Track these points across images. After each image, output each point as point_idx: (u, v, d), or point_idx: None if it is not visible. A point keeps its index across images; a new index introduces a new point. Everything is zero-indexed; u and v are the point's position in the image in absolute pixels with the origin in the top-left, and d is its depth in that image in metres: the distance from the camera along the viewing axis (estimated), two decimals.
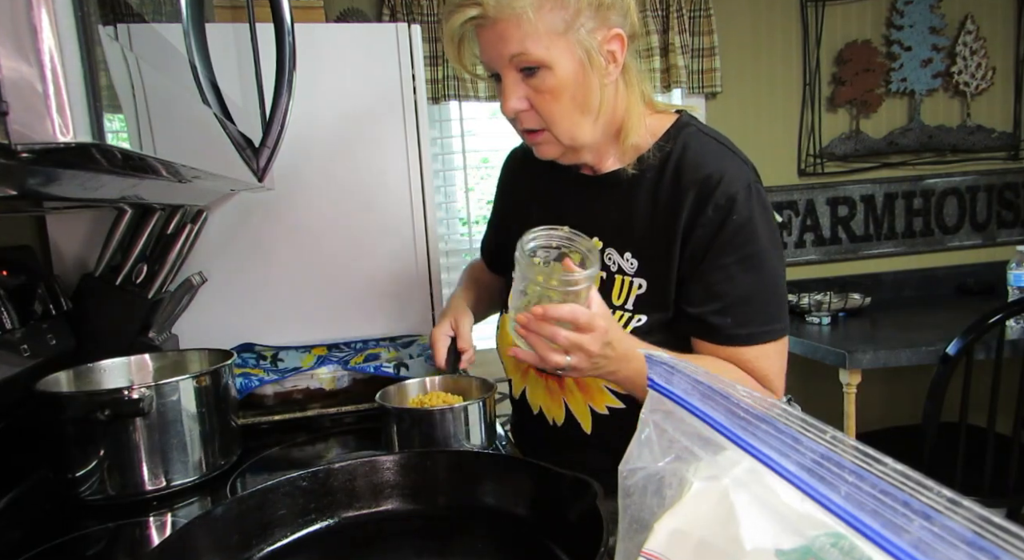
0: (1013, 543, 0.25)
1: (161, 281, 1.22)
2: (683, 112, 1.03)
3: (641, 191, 0.98)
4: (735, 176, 0.93)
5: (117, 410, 0.84)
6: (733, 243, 0.91)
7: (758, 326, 0.93)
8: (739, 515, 0.35)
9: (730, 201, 0.91)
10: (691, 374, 0.43)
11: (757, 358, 0.94)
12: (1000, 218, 2.95)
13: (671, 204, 0.94)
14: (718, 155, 0.95)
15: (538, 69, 0.88)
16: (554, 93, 0.90)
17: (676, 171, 0.95)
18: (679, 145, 0.97)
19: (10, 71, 0.31)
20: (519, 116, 0.93)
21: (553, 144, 0.96)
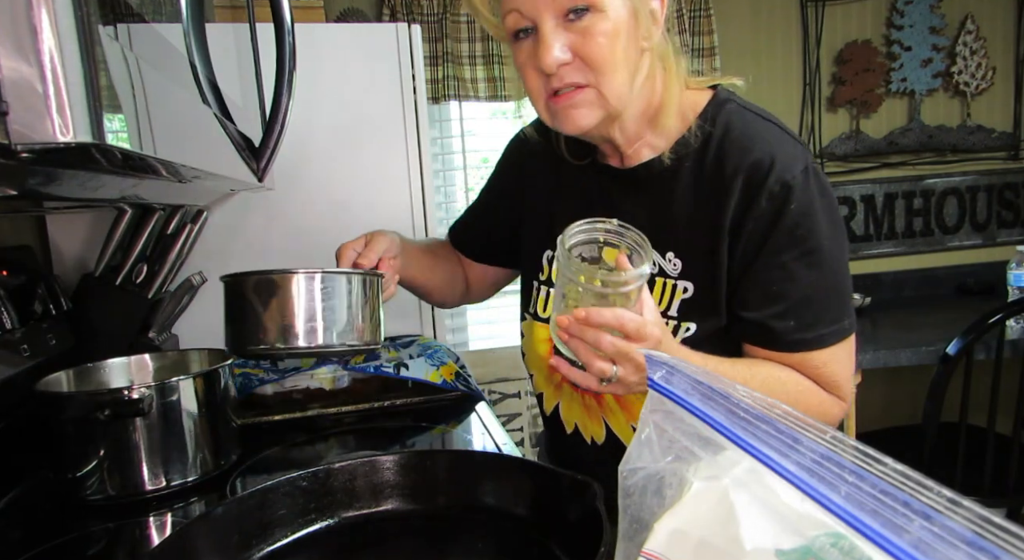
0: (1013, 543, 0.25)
1: (161, 281, 1.22)
2: (719, 86, 0.90)
3: (680, 182, 0.87)
4: (790, 159, 0.81)
5: (117, 410, 0.84)
6: (792, 237, 0.80)
7: (825, 326, 0.82)
8: (739, 515, 0.35)
9: (785, 189, 0.80)
10: (691, 374, 0.43)
11: (826, 363, 0.84)
12: (1000, 218, 2.95)
13: (716, 195, 0.83)
14: (767, 135, 0.84)
15: (587, 10, 0.77)
16: (607, 36, 0.78)
17: (719, 157, 0.84)
18: (720, 126, 0.85)
19: (10, 71, 0.31)
20: (560, 70, 0.80)
21: (594, 106, 0.82)
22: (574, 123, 0.82)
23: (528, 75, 0.83)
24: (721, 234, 0.83)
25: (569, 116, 0.82)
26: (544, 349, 0.98)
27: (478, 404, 1.22)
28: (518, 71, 0.85)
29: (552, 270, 0.95)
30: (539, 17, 0.78)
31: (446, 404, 1.22)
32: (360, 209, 1.54)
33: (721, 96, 0.89)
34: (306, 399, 1.20)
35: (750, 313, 0.84)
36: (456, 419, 1.17)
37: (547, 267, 0.99)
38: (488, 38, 2.38)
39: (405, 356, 1.28)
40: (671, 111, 0.86)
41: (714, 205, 0.84)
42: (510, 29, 0.81)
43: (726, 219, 0.83)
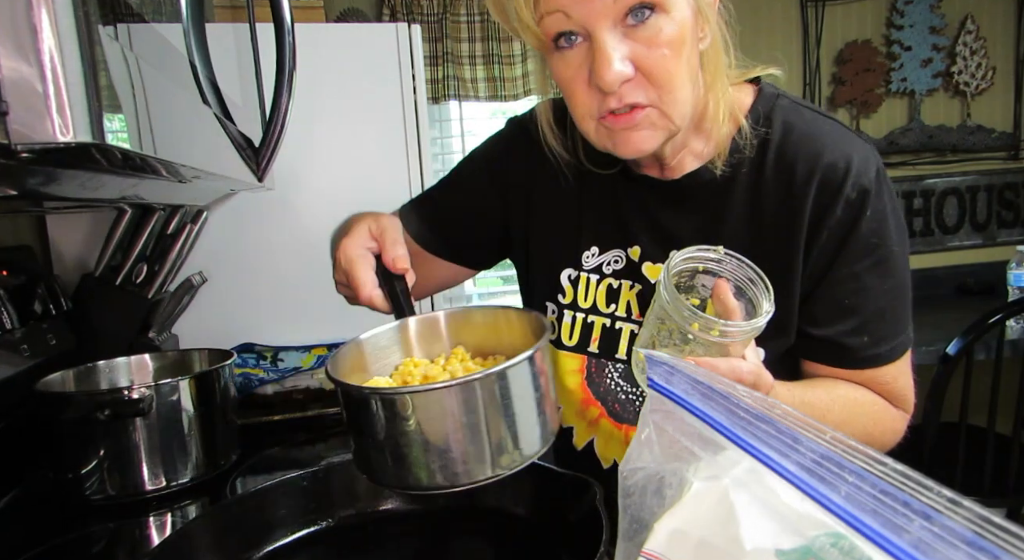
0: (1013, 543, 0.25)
1: (161, 281, 1.22)
2: (762, 80, 0.81)
3: (736, 193, 0.77)
4: (864, 161, 0.74)
5: (117, 410, 0.84)
6: (866, 246, 0.74)
7: (895, 338, 0.77)
8: (739, 515, 0.35)
9: (862, 195, 0.73)
10: (691, 374, 0.43)
11: (896, 378, 0.78)
12: (1000, 218, 2.95)
13: (784, 206, 0.75)
14: (835, 134, 0.76)
15: (652, 11, 0.64)
16: (673, 46, 0.66)
17: (783, 162, 0.75)
18: (778, 127, 0.76)
19: (10, 71, 0.31)
20: (620, 88, 0.66)
21: (656, 127, 0.69)
22: (635, 147, 0.70)
23: (576, 91, 0.69)
24: (795, 248, 0.75)
25: (629, 140, 0.70)
26: (573, 382, 0.86)
27: None
28: (560, 85, 0.71)
29: (577, 292, 0.85)
30: (594, 23, 0.64)
31: None
32: (360, 209, 1.54)
33: (768, 91, 0.79)
34: (306, 399, 1.20)
35: (821, 330, 0.76)
36: None
37: (570, 289, 0.86)
38: (488, 38, 2.38)
39: None
40: (721, 115, 0.75)
41: (784, 217, 0.75)
42: (550, 33, 0.67)
43: (800, 231, 0.74)
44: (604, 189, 0.84)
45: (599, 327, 0.84)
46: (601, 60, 0.64)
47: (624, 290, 0.84)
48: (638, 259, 0.82)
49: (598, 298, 0.85)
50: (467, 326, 0.68)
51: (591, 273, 0.85)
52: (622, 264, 0.84)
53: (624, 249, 0.83)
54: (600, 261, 0.85)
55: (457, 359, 0.65)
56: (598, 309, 0.85)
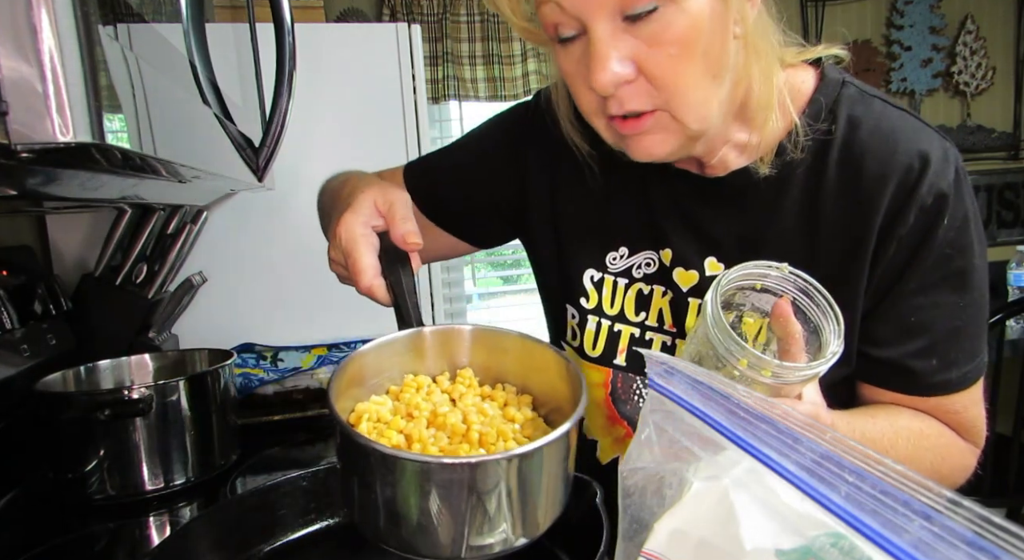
0: (1013, 543, 0.25)
1: (161, 281, 1.22)
2: (823, 62, 0.70)
3: (790, 194, 0.68)
4: (942, 161, 0.65)
5: (117, 410, 0.84)
6: (940, 257, 0.65)
7: (968, 363, 0.68)
8: (739, 515, 0.35)
9: (940, 199, 0.64)
10: (691, 374, 0.43)
11: (966, 407, 0.69)
12: (1000, 218, 2.95)
13: (850, 212, 0.66)
14: (909, 129, 0.66)
15: (655, 9, 0.55)
16: (683, 44, 0.56)
17: (846, 162, 0.66)
18: (844, 119, 0.67)
19: (10, 71, 0.31)
20: (619, 91, 0.58)
21: (669, 131, 0.61)
22: (647, 152, 0.63)
23: (578, 90, 0.63)
24: (860, 262, 0.66)
25: (640, 145, 0.63)
26: (598, 395, 0.79)
27: None
28: (564, 79, 0.65)
29: (602, 297, 0.77)
30: (589, 15, 0.57)
31: None
32: None
33: (832, 77, 0.69)
34: (306, 399, 1.20)
35: (883, 351, 0.67)
36: None
37: (593, 292, 0.78)
38: (488, 38, 2.38)
39: None
40: (769, 105, 0.65)
41: (848, 225, 0.66)
42: (548, 25, 0.60)
43: (868, 243, 0.65)
44: (635, 182, 0.75)
45: (627, 337, 0.76)
46: (594, 60, 0.57)
47: (656, 297, 0.75)
48: (669, 263, 0.73)
49: (627, 305, 0.77)
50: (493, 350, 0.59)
51: (619, 276, 0.77)
52: (654, 267, 0.75)
53: (656, 251, 0.75)
54: (630, 264, 0.76)
55: (464, 384, 0.57)
56: (626, 317, 0.77)
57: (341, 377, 0.53)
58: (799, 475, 0.34)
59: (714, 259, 0.72)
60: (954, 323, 0.66)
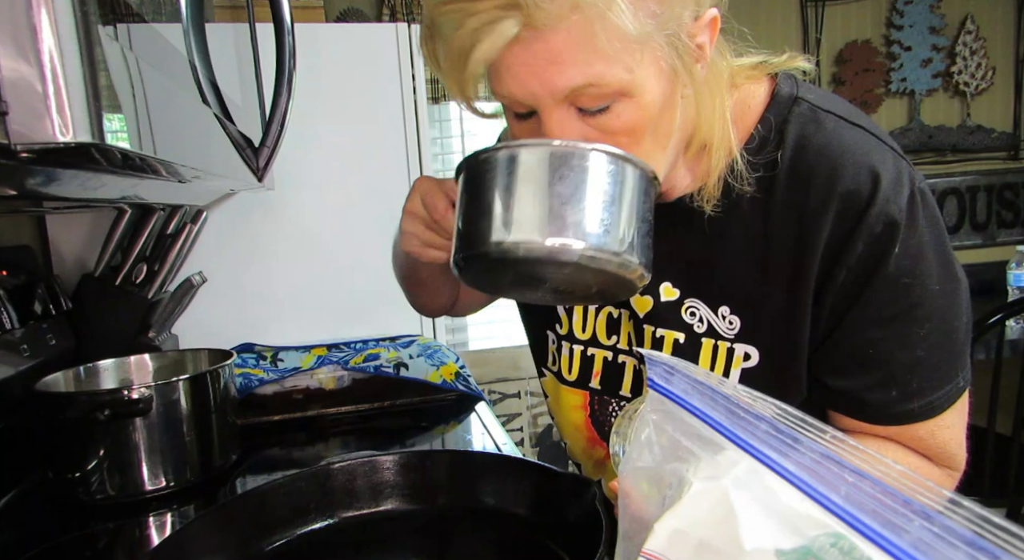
0: (1013, 543, 0.25)
1: (161, 281, 1.22)
2: (780, 76, 0.67)
3: (738, 218, 0.66)
4: (894, 183, 0.61)
5: (117, 410, 0.84)
6: (896, 287, 0.61)
7: (934, 391, 0.64)
8: (739, 515, 0.35)
9: (890, 228, 0.60)
10: (691, 374, 0.43)
11: (933, 434, 0.65)
12: (1000, 218, 2.95)
13: (795, 237, 0.63)
14: (860, 150, 0.62)
15: (612, 100, 0.55)
16: (633, 132, 0.57)
17: (795, 183, 0.63)
18: (792, 139, 0.63)
19: (10, 71, 0.31)
20: None
21: None
22: None
23: None
24: (803, 287, 0.63)
25: None
26: (578, 417, 0.79)
27: (478, 404, 1.22)
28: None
29: (572, 322, 0.78)
30: (541, 107, 0.56)
31: (446, 404, 1.22)
32: (360, 209, 1.54)
33: (784, 93, 0.66)
34: (306, 399, 1.20)
35: (840, 381, 0.65)
36: (456, 419, 1.17)
37: (565, 318, 0.79)
38: None
39: (405, 356, 1.28)
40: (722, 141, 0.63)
41: (792, 249, 0.64)
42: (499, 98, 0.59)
43: (810, 271, 0.63)
44: None
45: (600, 361, 0.77)
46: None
47: (624, 320, 0.75)
48: None
49: (598, 328, 0.77)
50: None
51: None
52: None
53: None
54: None
55: None
56: (598, 341, 0.77)
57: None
58: (799, 475, 0.34)
59: (668, 284, 0.71)
60: (914, 354, 0.63)
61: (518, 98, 0.56)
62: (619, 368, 0.76)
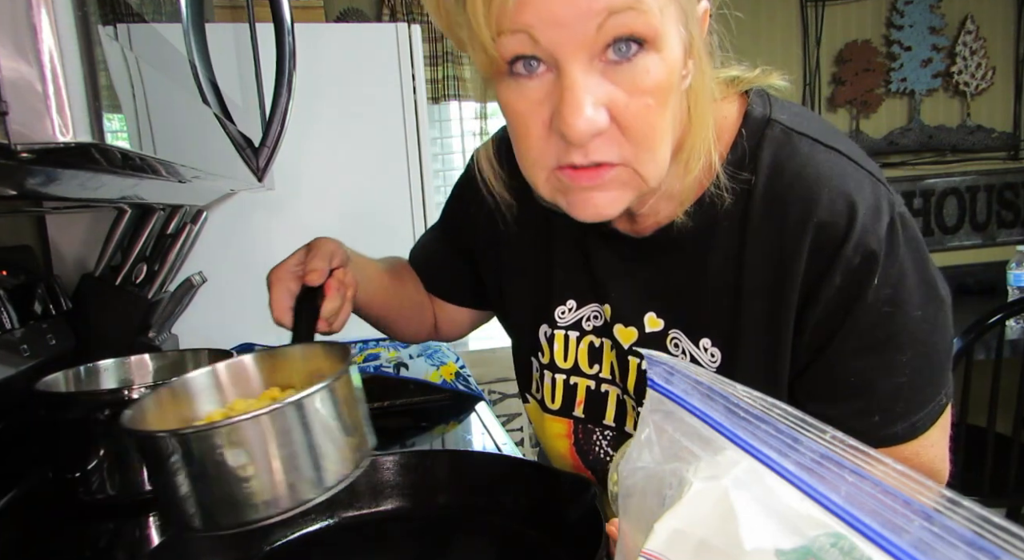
0: (1013, 543, 0.25)
1: (161, 281, 1.22)
2: (752, 94, 0.65)
3: (716, 249, 0.64)
4: (872, 212, 0.58)
5: (117, 410, 0.84)
6: (877, 317, 0.59)
7: (917, 412, 0.63)
8: (739, 515, 0.35)
9: (868, 260, 0.58)
10: (691, 374, 0.43)
11: (918, 453, 0.65)
12: (1000, 218, 2.95)
13: (772, 269, 0.61)
14: (837, 178, 0.59)
15: (641, 47, 0.50)
16: (659, 94, 0.52)
17: (768, 214, 0.61)
18: (765, 166, 0.61)
19: (10, 71, 0.31)
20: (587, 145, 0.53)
21: (627, 187, 0.56)
22: (595, 211, 0.57)
23: (529, 132, 0.55)
24: (783, 320, 0.62)
25: (589, 201, 0.56)
26: (563, 446, 0.79)
27: (478, 404, 1.22)
28: (508, 119, 0.57)
29: (554, 352, 0.77)
30: (567, 54, 0.50)
31: (446, 404, 1.22)
32: (360, 209, 1.54)
33: (756, 114, 0.63)
34: None
35: (822, 409, 0.63)
36: (456, 419, 1.17)
37: (547, 347, 0.77)
38: None
39: (405, 356, 1.28)
40: (700, 154, 0.60)
41: (770, 281, 0.62)
42: (506, 54, 0.51)
43: (791, 302, 0.61)
44: (573, 237, 0.72)
45: (583, 389, 0.76)
46: (571, 103, 0.50)
47: (606, 350, 0.74)
48: (610, 319, 0.71)
49: (580, 357, 0.75)
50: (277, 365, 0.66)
51: (569, 330, 0.75)
52: (600, 321, 0.73)
53: (600, 305, 0.73)
54: (579, 316, 0.75)
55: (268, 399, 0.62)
56: (580, 369, 0.75)
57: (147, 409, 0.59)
58: (799, 475, 0.34)
59: (653, 314, 0.69)
60: (896, 381, 0.61)
61: (540, 38, 0.49)
62: (602, 397, 0.75)
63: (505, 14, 0.49)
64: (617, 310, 0.71)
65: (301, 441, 0.52)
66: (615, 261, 0.71)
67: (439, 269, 0.91)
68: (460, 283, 0.90)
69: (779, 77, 0.66)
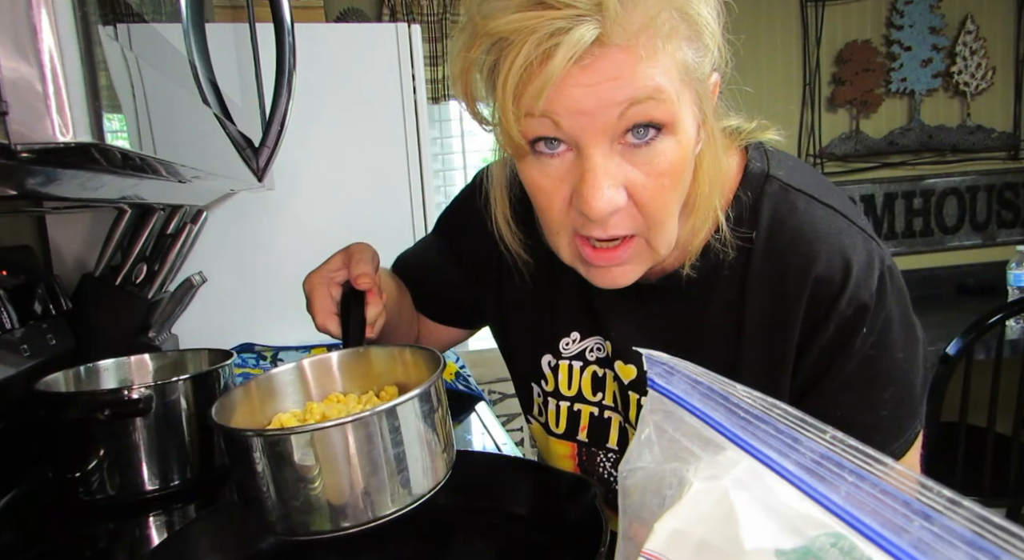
0: (1013, 543, 0.25)
1: (161, 281, 1.22)
2: (750, 150, 0.68)
3: (716, 297, 0.67)
4: (865, 268, 0.63)
5: (117, 410, 0.84)
6: (863, 360, 0.64)
7: (893, 443, 0.66)
8: (739, 515, 0.35)
9: (860, 312, 0.62)
10: (691, 374, 0.43)
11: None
12: (1000, 218, 2.95)
13: (772, 320, 0.65)
14: (833, 235, 0.63)
15: (659, 132, 0.54)
16: (674, 175, 0.56)
17: (768, 268, 0.65)
18: (766, 221, 0.65)
19: (10, 71, 0.31)
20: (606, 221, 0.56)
21: (641, 259, 0.61)
22: (612, 282, 0.61)
23: (552, 206, 0.58)
24: (781, 364, 0.65)
25: (607, 275, 0.61)
26: (567, 466, 0.81)
27: (478, 404, 1.22)
28: (530, 192, 0.60)
29: (559, 381, 0.79)
30: (589, 140, 0.53)
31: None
32: (360, 209, 1.54)
33: (756, 170, 0.66)
34: None
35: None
36: (456, 419, 1.17)
37: (551, 376, 0.79)
38: None
39: None
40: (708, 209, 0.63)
41: (772, 331, 0.65)
42: (528, 135, 0.55)
43: (790, 349, 0.65)
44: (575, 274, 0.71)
45: (586, 416, 0.78)
46: (591, 184, 0.53)
47: (608, 380, 0.76)
48: (611, 354, 0.74)
49: (583, 386, 0.78)
50: (361, 366, 0.67)
51: (573, 360, 0.78)
52: (604, 353, 0.76)
53: (603, 338, 0.76)
54: (583, 347, 0.77)
55: (355, 401, 0.64)
56: (584, 397, 0.78)
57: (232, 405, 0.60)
58: (799, 475, 0.34)
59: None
60: (878, 415, 0.65)
61: (562, 123, 0.53)
62: (605, 423, 0.77)
63: (533, 101, 0.52)
64: (617, 347, 0.73)
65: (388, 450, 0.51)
66: (617, 301, 0.73)
67: (431, 288, 0.91)
68: (451, 305, 0.91)
69: (775, 132, 0.69)
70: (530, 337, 0.81)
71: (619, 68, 0.50)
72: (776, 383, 0.66)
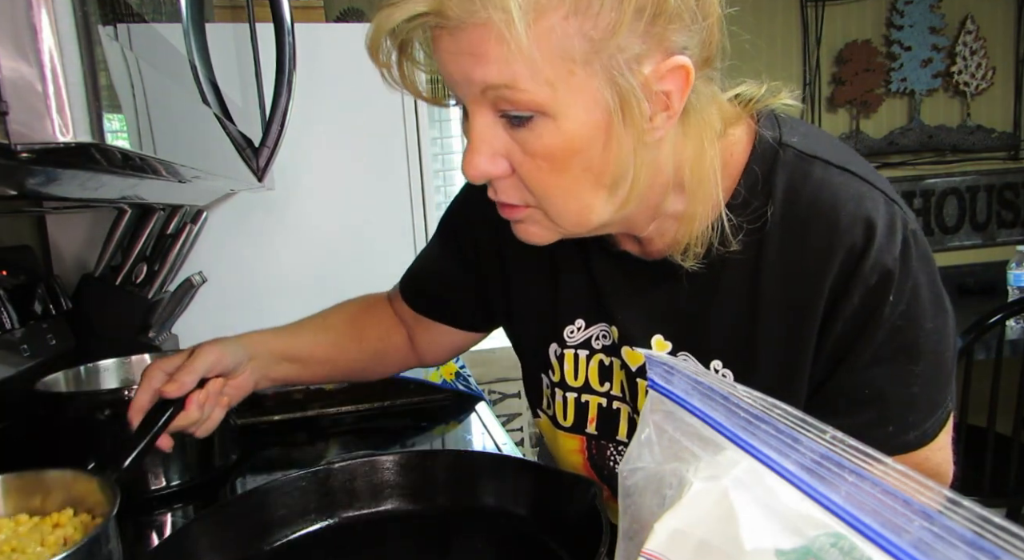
0: (1013, 543, 0.25)
1: (161, 281, 1.22)
2: (761, 118, 0.65)
3: (729, 275, 0.64)
4: (888, 231, 0.60)
5: (117, 410, 0.84)
6: (891, 330, 0.61)
7: (925, 423, 0.64)
8: (739, 515, 0.35)
9: (885, 277, 0.59)
10: (691, 374, 0.43)
11: (927, 458, 0.65)
12: (1000, 218, 2.95)
13: (793, 293, 0.62)
14: (852, 200, 0.60)
15: (531, 117, 0.53)
16: (554, 159, 0.55)
17: (786, 239, 0.62)
18: (780, 193, 0.62)
19: (10, 71, 0.31)
20: (493, 184, 0.58)
21: (544, 226, 0.61)
22: (525, 239, 0.62)
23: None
24: (807, 339, 0.63)
25: (518, 231, 0.62)
26: (577, 460, 0.80)
27: (478, 404, 1.22)
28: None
29: (564, 371, 0.78)
30: (467, 102, 0.55)
31: (446, 404, 1.22)
32: (360, 209, 1.54)
33: (767, 137, 0.63)
34: (306, 399, 1.20)
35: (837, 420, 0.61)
36: (456, 419, 1.17)
37: (557, 366, 0.78)
38: None
39: None
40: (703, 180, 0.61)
41: (793, 303, 0.63)
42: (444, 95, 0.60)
43: (814, 323, 0.62)
44: (578, 256, 0.73)
45: (595, 407, 0.77)
46: (468, 149, 0.56)
47: (615, 368, 0.74)
48: (618, 340, 0.72)
49: (591, 376, 0.76)
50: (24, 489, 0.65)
51: (579, 349, 0.76)
52: (609, 340, 0.74)
53: (608, 325, 0.73)
54: (588, 335, 0.75)
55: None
56: (591, 387, 0.76)
57: None
58: (799, 475, 0.34)
59: (660, 337, 0.69)
60: (909, 390, 0.63)
61: (451, 87, 0.56)
62: (614, 414, 0.76)
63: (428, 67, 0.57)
64: (624, 332, 0.71)
65: None
66: (621, 283, 0.71)
67: (441, 291, 0.90)
68: (463, 305, 0.89)
69: (788, 94, 0.66)
70: (535, 326, 0.79)
71: (475, 44, 0.51)
72: (799, 360, 0.63)
